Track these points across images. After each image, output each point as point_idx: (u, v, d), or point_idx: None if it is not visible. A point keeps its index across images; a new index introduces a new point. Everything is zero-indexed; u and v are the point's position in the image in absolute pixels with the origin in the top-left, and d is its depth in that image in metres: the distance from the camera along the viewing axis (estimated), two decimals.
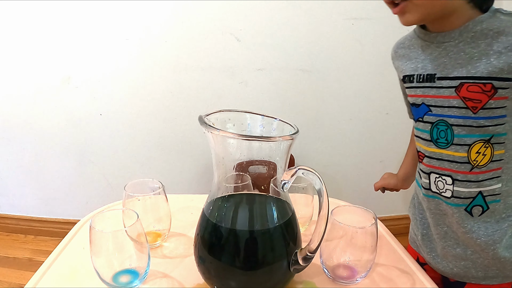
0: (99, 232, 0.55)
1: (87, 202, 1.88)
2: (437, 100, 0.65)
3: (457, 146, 0.64)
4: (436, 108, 0.66)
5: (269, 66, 1.69)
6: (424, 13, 0.61)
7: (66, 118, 1.74)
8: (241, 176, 0.60)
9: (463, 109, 0.62)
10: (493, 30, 0.59)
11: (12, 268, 1.70)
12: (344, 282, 0.63)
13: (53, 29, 1.62)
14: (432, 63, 0.65)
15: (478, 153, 0.63)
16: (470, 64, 0.61)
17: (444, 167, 0.67)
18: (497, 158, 0.63)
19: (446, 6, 0.60)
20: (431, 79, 0.65)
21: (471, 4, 0.61)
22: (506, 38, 0.58)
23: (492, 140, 0.62)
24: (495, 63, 0.58)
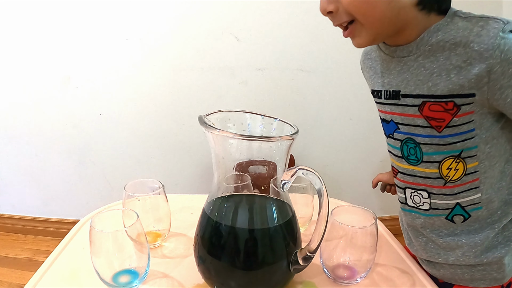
0: (99, 232, 0.55)
1: (87, 202, 1.88)
2: (403, 118, 0.62)
3: (427, 163, 0.62)
4: (403, 126, 0.63)
5: (269, 66, 1.69)
6: (374, 34, 0.57)
7: (66, 118, 1.74)
8: (241, 176, 0.60)
9: (428, 128, 0.60)
10: (450, 42, 0.55)
11: (12, 268, 1.70)
12: (344, 282, 0.63)
13: (53, 29, 1.62)
14: (396, 79, 0.62)
15: (449, 168, 0.61)
16: (431, 81, 0.57)
17: (418, 182, 0.65)
18: (471, 171, 0.60)
19: (397, 21, 0.56)
20: (396, 96, 0.62)
21: (423, 11, 0.56)
22: (464, 50, 0.54)
23: (463, 155, 0.59)
24: (455, 79, 0.55)
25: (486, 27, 0.53)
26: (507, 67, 0.52)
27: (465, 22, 0.55)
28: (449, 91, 0.56)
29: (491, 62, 0.52)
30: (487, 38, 0.52)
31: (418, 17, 0.56)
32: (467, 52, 0.54)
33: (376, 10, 0.54)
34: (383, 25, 0.56)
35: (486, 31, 0.53)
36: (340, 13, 0.56)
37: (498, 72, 0.52)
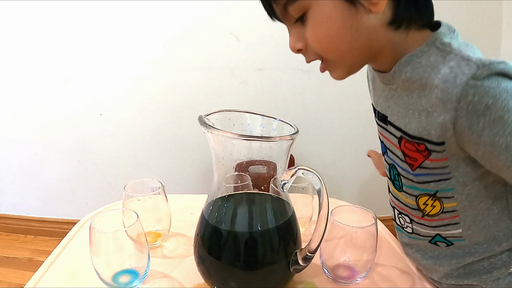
0: (99, 232, 0.55)
1: (87, 202, 1.88)
2: (390, 144, 0.59)
3: (406, 193, 0.60)
4: (390, 152, 0.60)
5: (269, 66, 1.69)
6: (348, 67, 0.53)
7: (66, 118, 1.74)
8: (241, 176, 0.60)
9: (404, 163, 0.56)
10: (417, 82, 0.50)
11: (12, 268, 1.70)
12: (344, 282, 0.63)
13: (53, 29, 1.62)
14: (384, 103, 0.58)
15: (426, 204, 0.57)
16: (407, 117, 0.53)
17: (401, 207, 0.63)
18: (449, 209, 0.56)
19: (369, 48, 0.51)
20: (384, 121, 0.59)
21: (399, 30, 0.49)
22: (430, 94, 0.48)
23: (438, 195, 0.55)
24: (424, 123, 0.50)
25: (455, 70, 0.46)
26: (475, 120, 0.45)
27: (437, 58, 0.48)
28: (419, 133, 0.51)
29: (454, 114, 0.46)
30: (451, 86, 0.45)
31: (395, 38, 0.50)
32: (431, 98, 0.48)
33: (342, 45, 0.50)
34: (354, 57, 0.52)
35: (454, 76, 0.45)
36: (309, 51, 0.53)
37: (464, 126, 0.46)
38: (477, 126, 0.45)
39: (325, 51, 0.51)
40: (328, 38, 0.50)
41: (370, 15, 0.47)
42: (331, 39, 0.49)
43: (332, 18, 0.48)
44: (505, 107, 0.44)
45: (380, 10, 0.46)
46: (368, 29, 0.48)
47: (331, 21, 0.48)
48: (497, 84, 0.44)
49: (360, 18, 0.48)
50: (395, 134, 0.56)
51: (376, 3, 0.46)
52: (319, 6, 0.48)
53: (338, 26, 0.48)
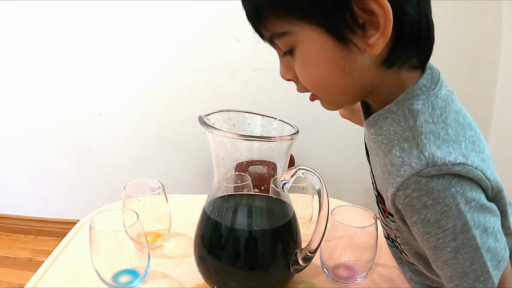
0: (99, 232, 0.55)
1: (87, 202, 1.88)
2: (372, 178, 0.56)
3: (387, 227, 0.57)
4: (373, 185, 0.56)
5: (269, 66, 1.69)
6: (338, 104, 0.51)
7: (66, 118, 1.74)
8: (241, 176, 0.60)
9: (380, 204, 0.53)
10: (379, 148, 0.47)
11: (12, 268, 1.70)
12: (344, 282, 0.63)
13: (53, 29, 1.62)
14: (367, 139, 0.53)
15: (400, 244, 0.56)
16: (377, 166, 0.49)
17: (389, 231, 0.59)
18: None
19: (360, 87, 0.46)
20: (367, 154, 0.55)
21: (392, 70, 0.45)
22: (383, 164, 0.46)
23: None
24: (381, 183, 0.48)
25: (404, 157, 0.42)
26: (409, 213, 0.43)
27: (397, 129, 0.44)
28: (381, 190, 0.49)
29: (393, 198, 0.44)
30: (395, 172, 0.43)
31: (386, 77, 0.45)
32: (383, 171, 0.46)
33: (331, 87, 0.46)
34: (345, 97, 0.48)
35: (400, 162, 0.43)
36: (299, 83, 0.49)
37: (402, 211, 0.45)
38: (411, 219, 0.44)
39: (314, 90, 0.48)
40: (317, 79, 0.46)
41: (364, 55, 0.42)
42: (321, 81, 0.46)
43: (322, 60, 0.43)
44: (445, 212, 0.41)
45: (378, 51, 0.41)
46: (361, 70, 0.44)
47: (321, 63, 0.44)
48: (446, 187, 0.40)
49: (353, 59, 0.43)
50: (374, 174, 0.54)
51: (373, 45, 0.40)
52: (307, 45, 0.43)
53: (328, 69, 0.44)
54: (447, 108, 0.44)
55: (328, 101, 0.50)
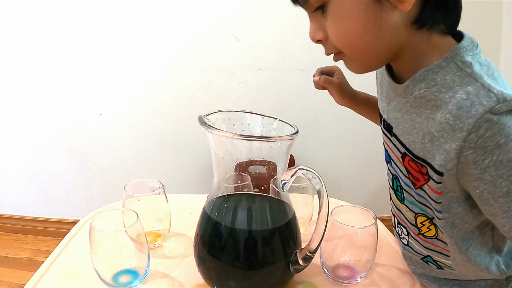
0: (99, 232, 0.55)
1: (87, 202, 1.88)
2: (393, 156, 0.56)
3: (407, 207, 0.57)
4: (393, 163, 0.57)
5: (269, 66, 1.69)
6: (366, 65, 0.50)
7: (66, 118, 1.74)
8: (241, 176, 0.60)
9: (407, 179, 0.54)
10: (431, 102, 0.46)
11: (12, 268, 1.70)
12: (344, 282, 0.63)
13: (53, 29, 1.62)
14: (391, 112, 0.55)
15: (423, 224, 0.55)
16: (412, 135, 0.50)
17: (401, 217, 0.61)
18: (442, 239, 0.54)
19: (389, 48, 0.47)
20: (389, 131, 0.55)
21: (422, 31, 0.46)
22: (440, 117, 0.45)
23: (435, 221, 0.53)
24: (428, 146, 0.47)
25: (472, 97, 0.42)
26: (481, 156, 0.42)
27: (454, 78, 0.44)
28: (423, 155, 0.48)
29: (462, 145, 0.43)
30: (465, 114, 0.42)
31: (416, 39, 0.47)
32: (442, 122, 0.45)
33: (362, 44, 0.46)
34: (374, 56, 0.49)
35: (470, 104, 0.42)
36: (329, 42, 0.50)
37: (469, 159, 0.43)
38: (482, 163, 0.42)
39: (344, 47, 0.48)
40: (348, 35, 0.46)
41: (395, 12, 0.44)
42: (351, 36, 0.46)
43: (354, 14, 0.44)
44: None
45: (408, 8, 0.42)
46: (390, 27, 0.45)
47: (353, 18, 0.45)
48: None
49: (384, 15, 0.44)
50: (399, 149, 0.54)
51: (403, 1, 0.42)
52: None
53: (360, 24, 0.45)
54: (491, 66, 0.46)
55: (355, 60, 0.50)
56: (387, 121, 0.57)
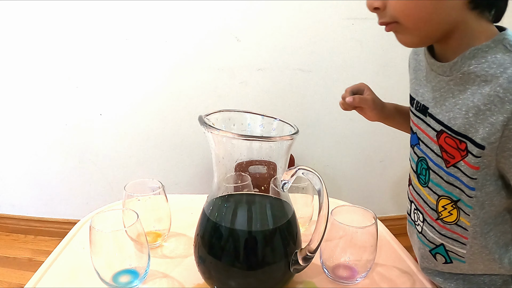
0: (99, 232, 0.55)
1: (87, 202, 1.88)
2: (425, 136, 0.59)
3: (430, 190, 0.59)
4: (423, 144, 0.59)
5: (269, 66, 1.69)
6: (420, 37, 0.53)
7: (66, 118, 1.74)
8: (241, 176, 0.60)
9: (439, 158, 0.56)
10: (480, 77, 0.49)
11: (12, 268, 1.70)
12: (344, 282, 0.63)
13: (53, 29, 1.62)
14: (428, 93, 0.58)
15: (444, 208, 0.57)
16: (453, 111, 0.52)
17: (420, 203, 0.63)
18: (462, 225, 0.56)
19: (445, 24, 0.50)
20: (424, 112, 0.58)
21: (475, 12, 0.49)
22: (489, 91, 0.48)
23: (459, 204, 0.55)
24: (472, 120, 0.50)
25: None
26: None
27: (504, 56, 0.48)
28: (465, 130, 0.51)
29: (509, 117, 0.45)
30: None
31: (469, 20, 0.50)
32: (490, 95, 0.47)
33: (423, 14, 0.49)
34: (430, 29, 0.51)
35: None
36: (386, 11, 0.51)
37: None
38: None
39: (405, 16, 0.50)
40: (411, 3, 0.49)
41: None
42: (415, 5, 0.49)
43: None
44: None
45: None
46: (448, 4, 0.48)
47: None
48: None
49: None
50: (434, 127, 0.56)
51: None
52: None
53: None
54: None
55: (411, 31, 0.52)
56: (421, 103, 0.59)
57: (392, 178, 1.93)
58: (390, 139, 1.83)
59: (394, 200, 1.97)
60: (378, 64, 1.72)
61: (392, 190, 1.96)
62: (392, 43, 0.87)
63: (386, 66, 1.73)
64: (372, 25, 1.73)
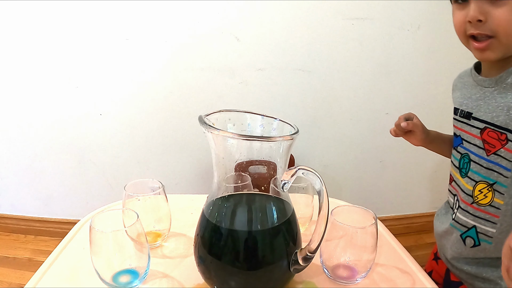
0: (99, 232, 0.55)
1: (87, 202, 1.88)
2: (468, 136, 0.73)
3: (469, 178, 0.72)
4: (466, 143, 0.73)
5: (269, 66, 1.69)
6: (505, 52, 0.64)
7: (66, 118, 1.74)
8: (241, 176, 0.60)
9: (480, 149, 0.69)
10: None
11: (12, 268, 1.70)
12: (344, 282, 0.63)
13: (53, 29, 1.62)
14: (472, 103, 0.72)
15: (481, 192, 0.70)
16: (496, 112, 0.66)
17: (459, 193, 0.75)
18: (495, 205, 0.68)
19: None
20: (468, 117, 0.72)
21: None
22: None
23: (495, 186, 0.68)
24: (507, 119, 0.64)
25: None
26: None
27: None
28: (506, 124, 0.64)
29: None
30: None
31: None
32: None
33: None
34: None
35: None
36: (486, 25, 0.62)
37: None
38: None
39: (505, 33, 0.61)
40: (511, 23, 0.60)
41: None
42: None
43: None
44: None
45: None
46: None
47: None
48: None
49: None
50: (478, 126, 0.69)
51: None
52: None
53: None
54: None
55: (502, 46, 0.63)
56: (465, 110, 0.73)
57: (392, 178, 1.93)
58: (390, 139, 1.82)
59: (394, 200, 1.97)
60: (378, 64, 1.72)
61: (392, 190, 1.96)
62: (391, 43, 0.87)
63: (386, 66, 1.73)
64: (372, 25, 1.74)
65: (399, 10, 1.65)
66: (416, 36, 1.69)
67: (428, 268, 0.91)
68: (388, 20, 1.67)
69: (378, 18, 1.65)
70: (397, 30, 1.68)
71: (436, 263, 0.88)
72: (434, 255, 0.90)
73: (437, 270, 0.87)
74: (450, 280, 0.82)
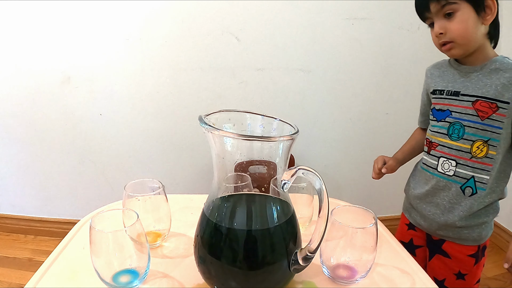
0: (99, 232, 0.55)
1: (87, 202, 1.88)
2: (458, 108, 0.90)
3: (465, 140, 0.89)
4: (456, 113, 0.90)
5: (269, 66, 1.69)
6: (466, 50, 0.87)
7: (66, 118, 1.74)
8: (241, 176, 0.60)
9: (474, 116, 0.87)
10: (502, 69, 0.85)
11: (12, 268, 1.70)
12: (344, 282, 0.63)
13: (53, 29, 1.62)
14: (459, 84, 0.91)
15: (478, 148, 0.88)
16: (485, 88, 0.86)
17: (452, 153, 0.91)
18: (490, 156, 0.88)
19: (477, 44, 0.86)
20: (456, 94, 0.91)
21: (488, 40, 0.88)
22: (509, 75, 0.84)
23: (489, 142, 0.87)
24: (500, 89, 0.84)
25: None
26: None
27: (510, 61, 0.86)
28: (495, 96, 0.84)
29: None
30: None
31: (486, 44, 0.88)
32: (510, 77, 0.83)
33: (470, 36, 0.84)
34: (472, 45, 0.86)
35: None
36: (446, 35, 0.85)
37: None
38: None
39: (461, 37, 0.84)
40: (465, 30, 0.84)
41: (482, 26, 0.85)
42: (467, 31, 0.84)
43: (470, 20, 0.84)
44: None
45: (488, 23, 0.85)
46: (481, 32, 0.85)
47: (469, 22, 0.84)
48: None
49: (480, 26, 0.85)
50: (470, 100, 0.87)
51: (488, 20, 0.84)
52: (464, 10, 0.83)
53: (471, 25, 0.84)
54: None
55: (462, 47, 0.86)
56: (452, 90, 0.91)
57: (392, 178, 1.93)
58: (390, 139, 1.83)
59: (394, 200, 1.97)
60: (378, 64, 1.72)
61: (392, 190, 1.96)
62: (391, 43, 0.87)
63: (385, 66, 1.73)
64: (372, 25, 1.74)
65: (399, 10, 1.65)
66: (415, 36, 1.69)
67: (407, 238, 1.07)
68: (388, 20, 1.67)
69: (378, 18, 1.65)
70: (397, 30, 1.68)
71: (414, 231, 1.05)
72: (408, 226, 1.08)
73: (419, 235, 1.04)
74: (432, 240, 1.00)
